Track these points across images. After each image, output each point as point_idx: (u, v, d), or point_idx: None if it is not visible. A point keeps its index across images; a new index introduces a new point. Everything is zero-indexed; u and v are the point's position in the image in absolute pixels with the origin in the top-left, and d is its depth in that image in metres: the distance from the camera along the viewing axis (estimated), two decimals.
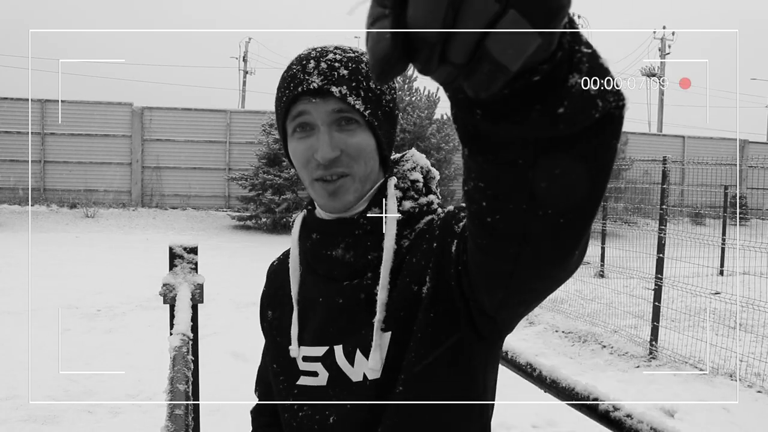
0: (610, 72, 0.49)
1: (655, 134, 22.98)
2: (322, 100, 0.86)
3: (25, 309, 6.49)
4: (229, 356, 5.09)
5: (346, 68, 0.87)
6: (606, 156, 0.54)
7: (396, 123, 0.96)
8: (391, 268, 0.89)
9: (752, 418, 4.15)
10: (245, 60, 33.89)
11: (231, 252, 11.82)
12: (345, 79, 0.86)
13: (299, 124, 0.89)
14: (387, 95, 0.91)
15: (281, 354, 1.01)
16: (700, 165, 7.06)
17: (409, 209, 0.93)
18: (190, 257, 2.37)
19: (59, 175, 16.80)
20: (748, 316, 6.32)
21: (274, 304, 1.07)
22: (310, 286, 0.98)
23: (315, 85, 0.85)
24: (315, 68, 0.86)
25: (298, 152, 0.90)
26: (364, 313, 0.90)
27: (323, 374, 0.94)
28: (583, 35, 0.48)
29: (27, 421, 3.76)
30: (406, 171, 0.97)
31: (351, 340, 0.91)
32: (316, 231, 0.96)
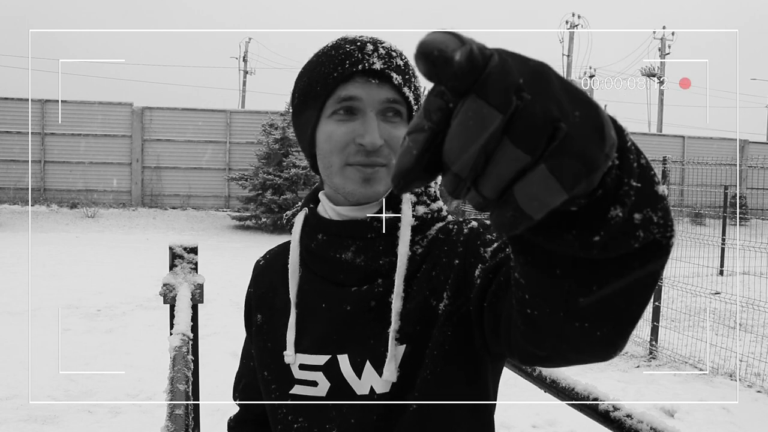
0: (661, 204, 0.47)
1: (655, 134, 22.99)
2: (378, 84, 0.83)
3: (25, 309, 6.49)
4: (229, 356, 5.09)
5: (401, 59, 0.86)
6: (647, 280, 0.51)
7: None
8: (404, 276, 0.85)
9: (752, 418, 4.15)
10: (245, 60, 33.90)
11: (231, 252, 11.82)
12: (401, 69, 0.85)
13: (345, 107, 0.84)
14: (421, 97, 0.88)
15: (273, 361, 0.94)
16: (700, 165, 7.06)
17: (422, 215, 0.90)
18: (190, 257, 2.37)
19: (59, 175, 16.81)
20: (748, 316, 6.32)
21: (262, 307, 1.00)
22: (311, 290, 0.93)
23: (377, 67, 0.83)
24: (374, 51, 0.83)
25: (336, 135, 0.84)
26: (374, 322, 0.86)
27: (324, 384, 0.89)
28: (635, 164, 0.44)
29: (27, 421, 3.76)
30: None
31: (359, 350, 0.86)
32: (323, 231, 0.91)
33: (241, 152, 17.36)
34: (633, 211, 0.45)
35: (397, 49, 0.87)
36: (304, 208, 0.98)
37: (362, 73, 0.83)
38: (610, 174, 0.43)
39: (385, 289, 0.86)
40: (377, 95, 0.83)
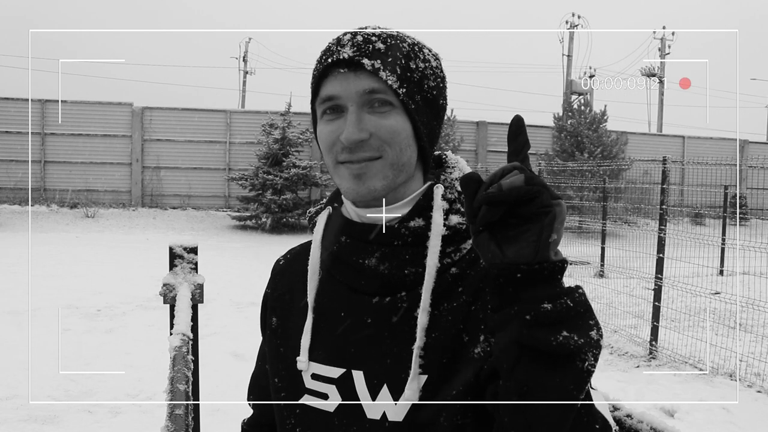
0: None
1: (655, 134, 22.99)
2: (353, 74, 0.78)
3: (25, 309, 6.49)
4: (229, 356, 5.09)
5: (384, 42, 0.79)
6: (567, 397, 0.63)
7: (440, 114, 0.85)
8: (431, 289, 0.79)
9: (752, 418, 4.14)
10: (245, 60, 33.89)
11: (231, 252, 11.82)
12: (380, 52, 0.78)
13: (329, 107, 0.81)
14: (430, 80, 0.82)
15: (285, 367, 0.89)
16: (700, 165, 7.05)
17: (456, 225, 0.81)
18: (190, 257, 2.37)
19: (59, 175, 16.81)
20: (748, 316, 6.32)
21: (277, 310, 0.94)
22: (330, 296, 0.86)
23: (346, 55, 0.78)
24: (350, 41, 0.79)
25: (324, 135, 0.82)
26: (395, 341, 0.79)
27: (334, 399, 0.83)
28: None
29: (27, 421, 3.76)
30: (454, 180, 0.85)
31: (376, 369, 0.80)
32: (347, 234, 0.85)
33: (241, 152, 17.36)
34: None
35: (385, 33, 0.80)
36: (327, 207, 0.92)
37: (334, 66, 0.79)
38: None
39: (410, 304, 0.80)
40: (353, 87, 0.78)
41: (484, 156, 18.66)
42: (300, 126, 16.51)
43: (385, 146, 0.79)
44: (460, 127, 17.78)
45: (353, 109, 0.78)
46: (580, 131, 17.44)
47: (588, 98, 19.99)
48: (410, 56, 0.80)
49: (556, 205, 0.62)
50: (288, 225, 15.26)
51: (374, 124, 0.79)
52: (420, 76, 0.81)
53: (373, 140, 0.79)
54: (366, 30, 0.81)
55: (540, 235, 0.62)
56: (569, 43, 25.25)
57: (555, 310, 0.62)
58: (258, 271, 9.61)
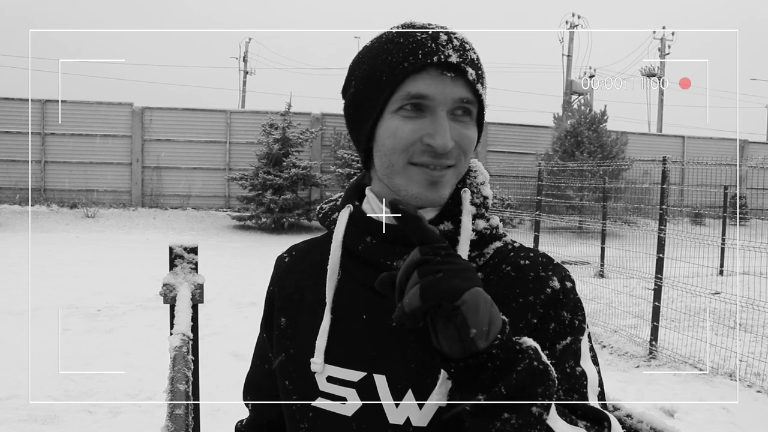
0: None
1: (655, 134, 22.99)
2: (453, 80, 0.76)
3: (25, 309, 6.49)
4: (229, 356, 5.10)
5: (474, 53, 0.79)
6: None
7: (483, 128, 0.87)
8: None
9: (752, 418, 4.15)
10: (245, 60, 33.90)
11: (231, 252, 11.83)
12: (475, 63, 0.78)
13: (414, 104, 0.76)
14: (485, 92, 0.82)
15: (296, 369, 0.86)
16: (700, 165, 7.06)
17: (482, 229, 0.82)
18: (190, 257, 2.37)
19: (59, 175, 16.81)
20: (748, 316, 6.32)
21: (286, 310, 0.91)
22: (349, 296, 0.84)
23: (454, 60, 0.75)
24: (449, 42, 0.76)
25: (402, 132, 0.77)
26: (421, 344, 0.77)
27: (354, 403, 0.80)
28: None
29: (27, 421, 3.76)
30: (479, 185, 0.86)
31: (400, 373, 0.78)
32: (372, 234, 0.82)
33: (241, 152, 17.36)
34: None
35: (469, 41, 0.79)
36: (348, 205, 0.87)
37: (436, 66, 0.75)
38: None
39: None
40: (450, 93, 0.76)
41: (484, 156, 18.66)
42: (300, 126, 16.51)
43: (461, 156, 0.79)
44: None
45: (444, 114, 0.76)
46: (580, 131, 17.45)
47: (588, 98, 20.00)
48: (483, 68, 0.80)
49: (462, 304, 0.62)
50: (288, 225, 15.26)
51: (458, 133, 0.78)
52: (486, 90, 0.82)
53: (455, 149, 0.78)
54: (456, 33, 0.79)
55: (459, 333, 0.63)
56: (569, 43, 25.26)
57: (490, 399, 0.65)
58: (258, 271, 9.61)
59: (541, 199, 8.84)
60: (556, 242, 10.25)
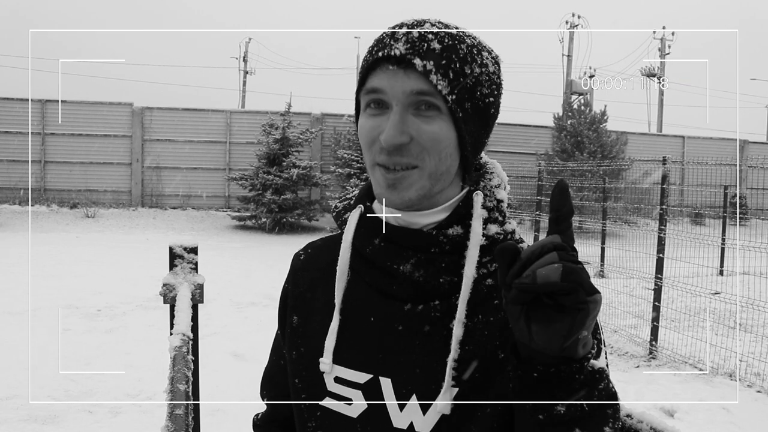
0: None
1: (655, 134, 22.99)
2: (403, 72, 0.73)
3: (25, 309, 6.49)
4: (229, 356, 5.09)
5: (441, 42, 0.74)
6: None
7: (489, 123, 0.81)
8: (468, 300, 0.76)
9: (752, 418, 4.15)
10: (245, 60, 33.89)
11: (231, 252, 11.83)
12: (434, 53, 0.73)
13: (373, 99, 0.76)
14: (485, 87, 0.76)
15: (306, 368, 0.86)
16: (700, 165, 7.06)
17: (494, 234, 0.79)
18: (190, 257, 2.37)
19: (59, 175, 16.81)
20: (748, 316, 6.33)
21: (299, 308, 0.90)
22: (358, 298, 0.83)
23: (397, 52, 0.73)
24: (404, 35, 0.74)
25: (365, 130, 0.78)
26: (427, 350, 0.77)
27: (359, 405, 0.80)
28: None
29: (27, 421, 3.76)
30: (494, 188, 0.83)
31: (405, 378, 0.78)
32: (381, 236, 0.81)
33: (241, 152, 17.36)
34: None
35: (444, 31, 0.75)
36: (359, 206, 0.86)
37: (384, 60, 0.74)
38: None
39: (443, 313, 0.78)
40: (401, 86, 0.73)
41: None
42: (300, 126, 16.50)
43: (424, 154, 0.75)
44: None
45: (397, 109, 0.74)
46: (580, 131, 17.45)
47: (588, 98, 19.99)
48: (467, 59, 0.75)
49: (591, 302, 0.61)
50: (288, 225, 15.26)
51: (417, 128, 0.74)
52: (474, 82, 0.75)
53: (413, 146, 0.75)
54: (424, 25, 0.75)
55: (570, 330, 0.61)
56: (569, 43, 25.25)
57: (569, 412, 0.64)
58: (258, 271, 9.62)
59: (541, 199, 8.83)
60: None
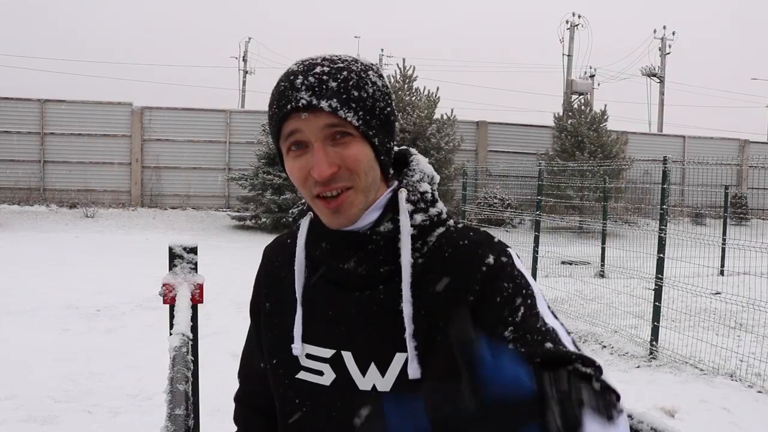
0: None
1: (655, 134, 23.00)
2: (313, 115, 0.83)
3: (25, 309, 6.49)
4: (229, 356, 5.09)
5: (335, 80, 0.84)
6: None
7: (392, 129, 0.93)
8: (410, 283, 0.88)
9: (752, 418, 4.14)
10: (245, 60, 33.89)
11: (231, 252, 11.83)
12: (334, 91, 0.83)
13: (293, 142, 0.86)
14: (380, 102, 0.88)
15: (280, 349, 0.99)
16: (701, 165, 7.06)
17: (420, 222, 0.91)
18: (190, 257, 2.37)
19: (59, 175, 16.81)
20: (749, 316, 6.32)
21: (270, 296, 1.04)
22: (317, 289, 0.96)
23: (304, 102, 0.83)
24: (302, 83, 0.84)
25: (295, 171, 0.88)
26: (378, 327, 0.90)
27: (329, 375, 0.93)
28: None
29: (27, 421, 3.75)
30: (416, 183, 0.94)
31: (364, 351, 0.91)
32: (326, 241, 0.93)
33: (241, 152, 17.36)
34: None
35: (333, 68, 0.85)
36: (309, 213, 0.98)
37: (294, 111, 0.84)
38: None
39: (387, 296, 0.89)
40: (315, 124, 0.83)
41: (484, 156, 18.66)
42: None
43: (353, 177, 0.86)
44: (460, 127, 17.74)
45: (318, 144, 0.84)
46: (580, 131, 17.45)
47: (588, 98, 20.00)
48: (359, 85, 0.85)
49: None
50: (288, 225, 15.20)
51: (339, 156, 0.85)
52: (372, 102, 0.86)
53: (342, 171, 0.85)
54: (315, 69, 0.85)
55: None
56: (569, 43, 25.26)
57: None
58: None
59: (542, 199, 8.83)
60: (556, 242, 10.25)
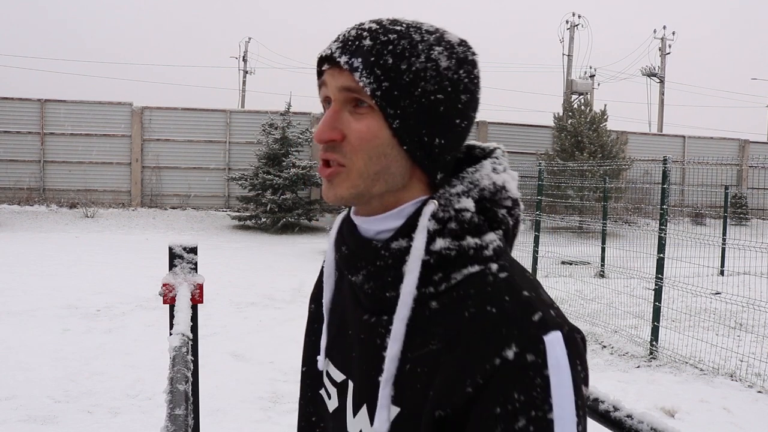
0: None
1: (655, 134, 22.99)
2: (334, 71, 0.72)
3: (25, 309, 6.49)
4: (228, 356, 5.09)
5: (373, 39, 0.70)
6: None
7: (444, 122, 0.72)
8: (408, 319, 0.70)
9: (752, 418, 4.14)
10: (245, 60, 33.89)
11: (231, 252, 11.82)
12: (364, 50, 0.70)
13: (322, 99, 0.76)
14: (430, 84, 0.70)
15: (311, 359, 0.90)
16: (701, 165, 7.06)
17: (441, 250, 0.69)
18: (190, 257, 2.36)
19: (59, 175, 16.81)
20: (749, 316, 6.32)
21: (317, 298, 0.92)
22: (343, 298, 0.83)
23: (329, 52, 0.72)
24: (342, 34, 0.73)
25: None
26: (375, 363, 0.74)
27: (334, 401, 0.82)
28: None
29: (27, 421, 3.75)
30: (453, 195, 0.72)
31: (361, 387, 0.77)
32: (347, 244, 0.79)
33: (241, 152, 17.37)
34: None
35: (384, 27, 0.71)
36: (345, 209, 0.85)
37: (320, 61, 0.74)
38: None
39: (386, 329, 0.73)
40: (333, 83, 0.72)
41: None
42: (300, 126, 16.51)
43: (351, 154, 0.71)
44: None
45: (334, 106, 0.73)
46: (580, 131, 17.45)
47: (588, 98, 20.00)
48: (404, 55, 0.69)
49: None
50: (288, 225, 15.26)
51: (348, 126, 0.72)
52: (413, 78, 0.69)
53: (345, 144, 0.72)
54: (367, 24, 0.73)
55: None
56: (569, 43, 25.25)
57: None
58: (258, 271, 9.62)
59: (542, 199, 8.83)
60: (556, 242, 10.25)
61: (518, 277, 0.69)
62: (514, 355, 0.61)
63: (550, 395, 0.60)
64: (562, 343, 0.62)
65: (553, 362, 0.61)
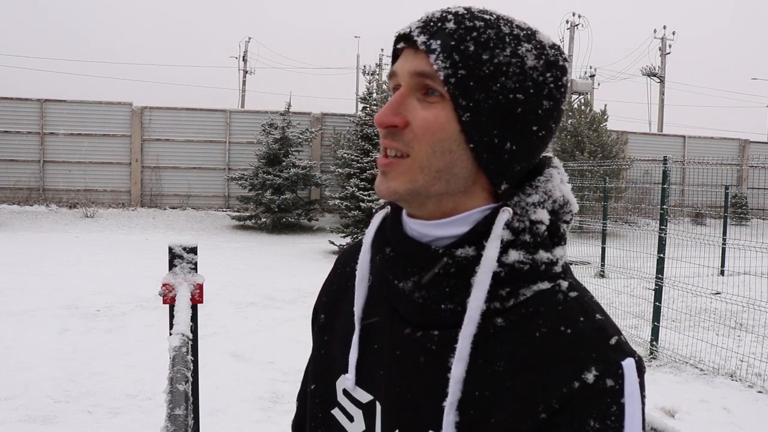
0: None
1: (656, 134, 22.99)
2: (408, 51, 0.67)
3: (25, 309, 6.49)
4: (228, 356, 5.09)
5: (459, 23, 0.64)
6: None
7: (519, 126, 0.65)
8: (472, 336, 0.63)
9: (752, 418, 4.14)
10: (245, 60, 33.91)
11: (231, 252, 11.82)
12: (445, 32, 0.64)
13: (393, 85, 0.69)
14: (511, 81, 0.63)
15: (321, 372, 0.80)
16: (701, 165, 7.06)
17: (514, 263, 0.64)
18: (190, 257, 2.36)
19: (59, 175, 16.80)
20: (749, 316, 6.32)
21: (329, 307, 0.83)
22: (376, 307, 0.74)
23: (408, 30, 0.66)
24: (424, 15, 0.67)
25: None
26: (418, 384, 0.66)
27: (359, 425, 0.73)
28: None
29: (27, 421, 3.75)
30: (529, 205, 0.66)
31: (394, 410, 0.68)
32: (392, 245, 0.71)
33: (241, 152, 17.36)
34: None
35: (471, 13, 0.65)
36: (387, 206, 0.77)
37: (397, 39, 0.69)
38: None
39: (440, 346, 0.66)
40: (406, 66, 0.66)
41: None
42: (300, 126, 16.51)
43: (414, 143, 0.65)
44: None
45: (402, 90, 0.66)
46: (580, 131, 17.45)
47: (588, 98, 20.00)
48: (488, 45, 0.63)
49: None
50: (288, 225, 15.26)
51: (413, 113, 0.65)
52: (493, 71, 0.63)
53: (408, 132, 0.65)
54: (452, 9, 0.66)
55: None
56: (569, 43, 25.26)
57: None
58: (257, 271, 9.61)
59: None
60: None
61: (587, 297, 0.67)
62: (594, 378, 0.59)
63: (623, 425, 0.58)
64: (635, 371, 0.61)
65: (629, 389, 0.59)
